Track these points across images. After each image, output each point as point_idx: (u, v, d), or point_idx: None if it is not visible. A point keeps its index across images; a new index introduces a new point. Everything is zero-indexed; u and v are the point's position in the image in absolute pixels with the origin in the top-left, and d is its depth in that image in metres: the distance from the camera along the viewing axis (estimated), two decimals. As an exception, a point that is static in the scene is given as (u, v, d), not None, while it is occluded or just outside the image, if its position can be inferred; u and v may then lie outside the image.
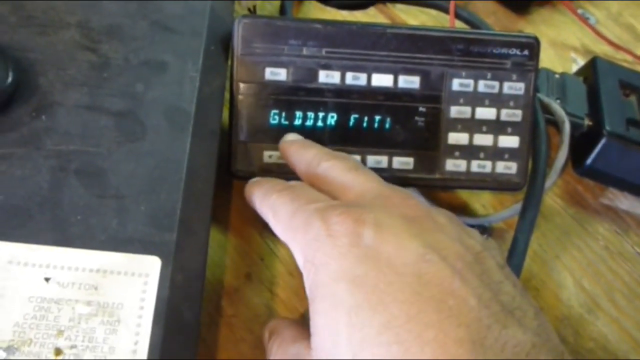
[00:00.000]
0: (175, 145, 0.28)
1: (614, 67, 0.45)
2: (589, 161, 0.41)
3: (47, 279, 0.24)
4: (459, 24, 0.47)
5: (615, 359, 0.36)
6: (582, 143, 0.42)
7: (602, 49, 0.53)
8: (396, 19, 0.49)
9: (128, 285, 0.24)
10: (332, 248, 0.23)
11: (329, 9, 0.48)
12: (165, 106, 0.29)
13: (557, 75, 0.45)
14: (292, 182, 0.29)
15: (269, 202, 0.28)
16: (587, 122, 0.42)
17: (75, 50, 0.29)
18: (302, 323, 0.27)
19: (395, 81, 0.34)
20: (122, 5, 0.31)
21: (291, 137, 0.33)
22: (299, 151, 0.31)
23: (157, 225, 0.25)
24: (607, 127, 0.40)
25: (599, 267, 0.39)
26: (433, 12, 0.49)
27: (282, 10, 0.43)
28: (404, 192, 0.28)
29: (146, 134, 0.27)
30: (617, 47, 0.53)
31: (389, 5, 0.49)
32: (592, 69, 0.45)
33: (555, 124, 0.42)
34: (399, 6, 0.49)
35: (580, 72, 0.47)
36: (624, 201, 0.43)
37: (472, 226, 0.38)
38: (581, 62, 0.51)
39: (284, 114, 0.34)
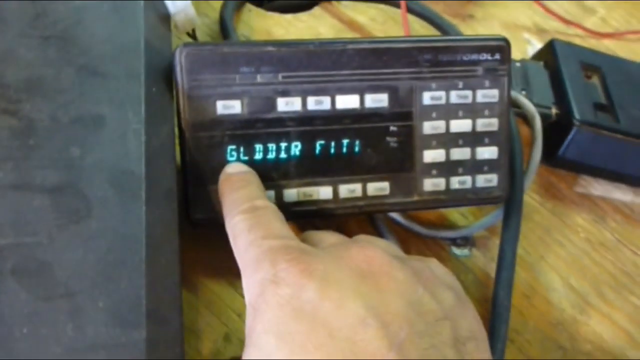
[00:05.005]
0: (128, 217, 0.24)
1: (573, 49, 0.44)
2: (560, 152, 0.40)
3: (-4, 412, 0.20)
4: (412, 19, 0.45)
5: (613, 359, 0.35)
6: (551, 133, 0.40)
7: (553, 25, 0.52)
8: (343, 17, 0.45)
9: (97, 402, 0.20)
10: (272, 296, 0.22)
11: (270, 14, 0.44)
12: (110, 171, 0.24)
13: (517, 64, 0.43)
14: (259, 203, 0.27)
15: (231, 222, 0.26)
16: (554, 111, 0.41)
17: (-10, 115, 0.24)
18: None
19: (362, 101, 0.31)
20: (40, 52, 0.26)
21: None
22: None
23: (121, 323, 0.21)
24: (577, 116, 0.39)
25: (584, 261, 0.38)
26: (381, 5, 0.46)
27: (223, 24, 0.39)
28: (365, 242, 0.26)
29: (92, 210, 0.23)
30: (568, 22, 0.51)
31: (334, 3, 0.46)
32: (552, 53, 0.43)
33: (521, 115, 0.40)
34: (345, 3, 0.46)
35: (538, 56, 0.46)
36: (597, 187, 0.42)
37: (455, 239, 0.37)
38: (535, 42, 0.50)
39: (242, 149, 0.30)
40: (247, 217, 0.26)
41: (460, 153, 0.32)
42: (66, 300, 0.21)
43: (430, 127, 0.31)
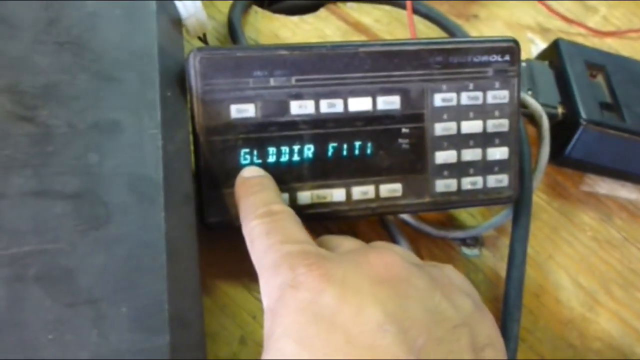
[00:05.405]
0: (148, 223, 0.24)
1: (578, 48, 0.44)
2: (567, 151, 0.40)
3: (23, 418, 0.20)
4: (417, 19, 0.45)
5: (622, 359, 0.35)
6: (558, 133, 0.41)
7: (556, 25, 0.52)
8: (349, 19, 0.46)
9: (122, 407, 0.20)
10: (291, 300, 0.22)
11: (277, 16, 0.44)
12: (128, 177, 0.25)
13: (523, 64, 0.43)
14: (276, 207, 0.27)
15: (248, 226, 0.26)
16: (561, 110, 0.41)
17: (8, 122, 0.25)
18: None
19: (374, 104, 0.31)
20: (54, 59, 0.26)
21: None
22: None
23: (144, 329, 0.21)
24: (584, 116, 0.39)
25: (591, 259, 0.39)
26: (386, 7, 0.46)
27: (231, 27, 0.39)
28: (383, 249, 0.26)
29: (111, 216, 0.24)
30: (570, 21, 0.52)
31: (340, 4, 0.46)
32: (557, 53, 0.44)
33: (527, 115, 0.41)
34: (350, 4, 0.46)
35: (543, 55, 0.46)
36: (603, 185, 0.43)
37: (464, 239, 0.37)
38: (539, 42, 0.50)
39: (255, 153, 0.30)
40: (265, 222, 0.26)
41: (471, 154, 0.32)
42: (90, 306, 0.21)
43: (441, 128, 0.32)
